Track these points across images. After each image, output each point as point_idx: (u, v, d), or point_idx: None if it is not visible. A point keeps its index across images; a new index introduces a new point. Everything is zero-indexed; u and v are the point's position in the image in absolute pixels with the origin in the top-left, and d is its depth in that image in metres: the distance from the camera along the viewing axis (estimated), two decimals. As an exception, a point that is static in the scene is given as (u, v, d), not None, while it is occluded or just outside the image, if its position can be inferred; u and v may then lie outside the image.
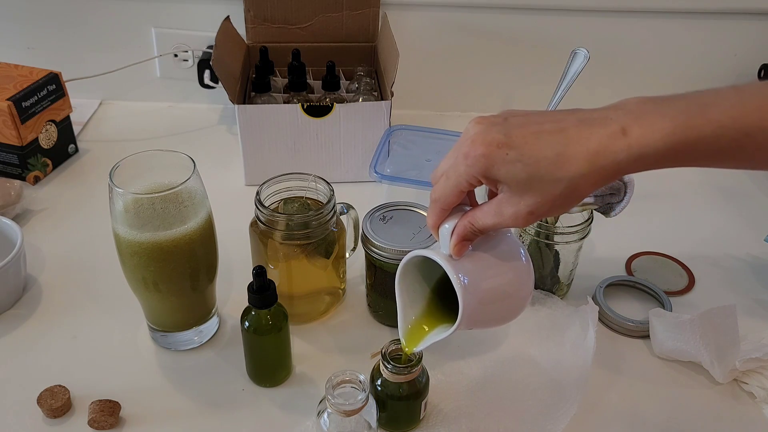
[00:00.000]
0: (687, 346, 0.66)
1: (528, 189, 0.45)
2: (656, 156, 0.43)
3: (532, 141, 0.44)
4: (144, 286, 0.63)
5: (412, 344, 0.54)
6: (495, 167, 0.45)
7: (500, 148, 0.45)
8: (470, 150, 0.46)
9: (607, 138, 0.43)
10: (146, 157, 0.62)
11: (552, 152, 0.44)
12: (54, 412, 0.61)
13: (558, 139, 0.44)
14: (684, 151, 0.43)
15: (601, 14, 1.04)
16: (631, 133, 0.43)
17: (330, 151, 0.92)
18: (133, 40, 1.08)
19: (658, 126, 0.43)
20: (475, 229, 0.48)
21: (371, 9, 1.01)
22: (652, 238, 0.85)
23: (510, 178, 0.45)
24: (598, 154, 0.43)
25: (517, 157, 0.44)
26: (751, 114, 0.42)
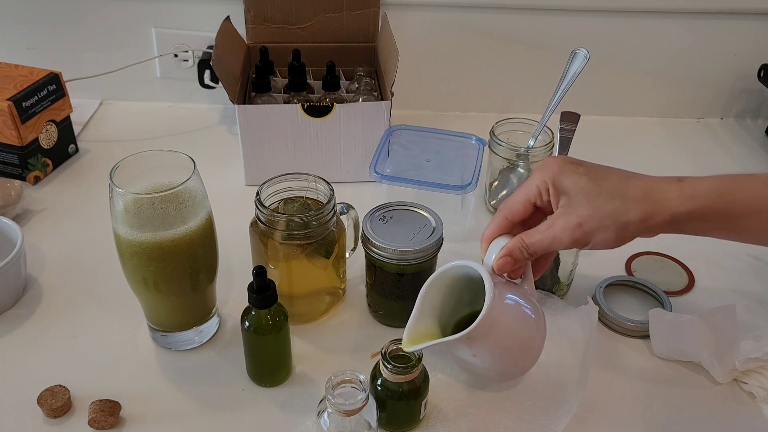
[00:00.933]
0: (687, 346, 0.66)
1: (585, 200, 0.50)
2: (704, 202, 0.48)
3: (602, 169, 0.52)
4: (144, 286, 0.63)
5: (410, 344, 0.56)
6: (564, 174, 0.51)
7: (573, 164, 0.53)
8: (546, 161, 0.53)
9: (664, 181, 0.51)
10: (146, 157, 0.62)
11: (616, 177, 0.51)
12: (54, 412, 0.61)
13: (625, 173, 0.52)
14: (732, 202, 0.48)
15: (601, 14, 1.04)
16: (685, 181, 0.50)
17: (330, 151, 0.92)
18: (133, 40, 1.08)
19: (709, 179, 0.50)
20: (525, 244, 0.52)
21: (371, 9, 1.01)
22: (651, 238, 0.85)
23: (574, 187, 0.51)
24: (654, 189, 0.50)
25: (586, 171, 0.52)
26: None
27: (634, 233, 0.51)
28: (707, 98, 1.12)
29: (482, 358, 0.56)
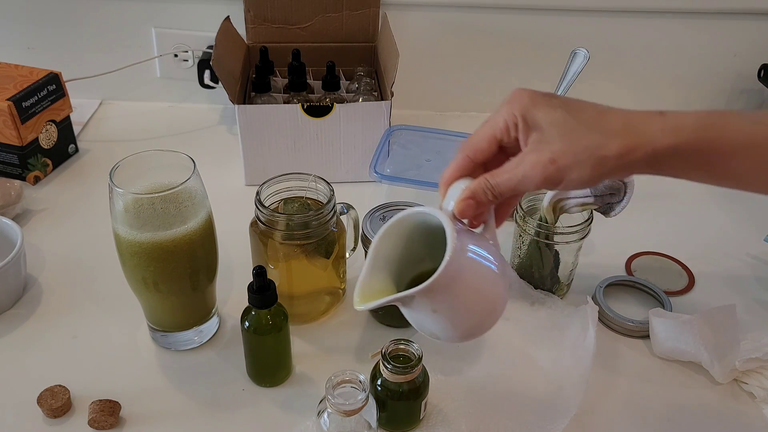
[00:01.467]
0: (687, 346, 0.66)
1: (559, 134, 0.45)
2: (689, 136, 0.44)
3: (578, 102, 0.47)
4: (144, 286, 0.63)
5: (364, 300, 0.49)
6: (537, 107, 0.46)
7: (546, 96, 0.47)
8: (516, 92, 0.47)
9: (645, 113, 0.46)
10: (146, 157, 0.62)
11: (593, 110, 0.46)
12: (54, 412, 0.61)
13: (602, 107, 0.47)
14: (718, 138, 0.44)
15: (601, 14, 1.04)
16: (667, 114, 0.45)
17: (330, 151, 0.92)
18: (133, 40, 1.08)
19: (694, 113, 0.45)
20: (489, 185, 0.47)
21: (371, 9, 1.01)
22: (652, 238, 0.85)
23: (547, 120, 0.46)
24: (634, 121, 0.45)
25: (560, 104, 0.46)
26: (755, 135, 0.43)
27: (611, 169, 0.46)
28: (707, 98, 1.12)
29: (443, 314, 0.49)
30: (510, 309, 0.73)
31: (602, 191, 0.65)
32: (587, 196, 0.66)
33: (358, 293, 0.50)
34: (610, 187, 0.65)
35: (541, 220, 0.71)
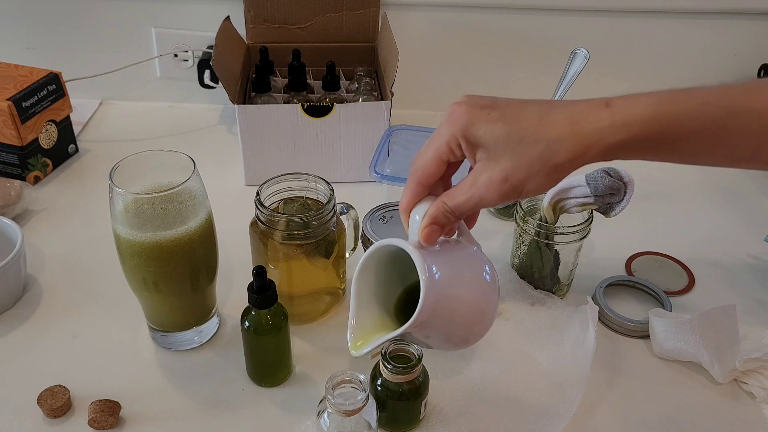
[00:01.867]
0: (687, 346, 0.66)
1: (505, 150, 0.44)
2: (640, 126, 0.42)
3: (516, 106, 0.45)
4: (144, 286, 0.63)
5: (358, 345, 0.50)
6: (476, 125, 0.44)
7: (483, 108, 0.45)
8: (453, 110, 0.45)
9: (589, 107, 0.43)
10: (146, 157, 0.62)
11: (534, 116, 0.44)
12: (54, 412, 0.61)
13: (542, 106, 0.45)
14: (668, 124, 0.42)
15: (601, 14, 1.04)
16: (614, 104, 0.43)
17: (330, 151, 0.92)
18: (133, 40, 1.08)
19: (642, 99, 0.43)
20: (449, 208, 0.46)
21: (371, 9, 1.01)
22: (652, 238, 0.85)
23: (489, 137, 0.44)
24: (580, 120, 0.43)
25: (499, 116, 0.44)
26: (736, 95, 0.41)
27: (567, 172, 0.45)
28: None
29: (436, 336, 0.50)
30: (510, 309, 0.73)
31: (602, 191, 0.65)
32: (587, 196, 0.66)
33: (351, 339, 0.50)
34: (611, 187, 0.65)
35: (541, 220, 0.71)
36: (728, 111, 0.41)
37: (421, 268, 0.45)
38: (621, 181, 0.65)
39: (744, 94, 0.42)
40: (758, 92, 0.41)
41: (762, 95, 0.41)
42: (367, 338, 0.50)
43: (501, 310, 0.73)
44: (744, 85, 0.42)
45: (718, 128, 0.42)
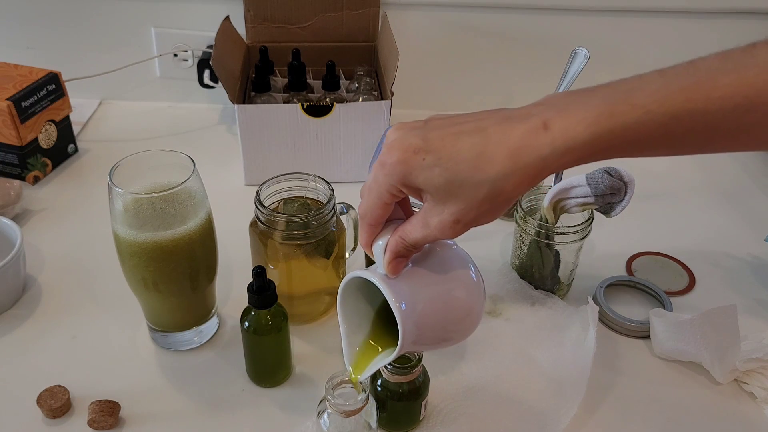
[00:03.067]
0: (687, 346, 0.66)
1: (450, 195, 0.42)
2: (583, 148, 0.40)
3: (451, 143, 0.42)
4: (143, 286, 0.63)
5: (358, 371, 0.51)
6: (413, 174, 0.42)
7: (417, 153, 0.42)
8: (387, 158, 0.43)
9: (528, 133, 0.41)
10: (146, 156, 0.62)
11: (471, 153, 0.41)
12: (54, 412, 0.61)
13: (477, 139, 0.42)
14: (611, 140, 0.40)
15: (601, 14, 1.04)
16: (553, 126, 0.40)
17: (330, 151, 0.92)
18: (132, 40, 1.08)
19: (580, 116, 0.40)
20: (407, 244, 0.45)
21: (371, 9, 1.01)
22: (652, 238, 0.85)
23: (429, 185, 0.42)
24: (520, 151, 0.41)
25: (435, 161, 0.42)
26: (675, 96, 0.39)
27: (516, 198, 0.44)
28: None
29: (428, 346, 0.51)
30: (510, 309, 0.73)
31: (603, 191, 0.65)
32: (588, 196, 0.66)
33: (350, 367, 0.51)
34: (611, 186, 0.65)
35: (542, 220, 0.70)
36: (671, 116, 0.39)
37: (394, 304, 0.45)
38: (621, 180, 0.65)
39: (684, 94, 0.39)
40: (699, 90, 0.39)
41: (703, 93, 0.39)
42: (364, 360, 0.51)
43: (501, 311, 0.73)
44: (684, 81, 0.40)
45: (661, 134, 0.40)
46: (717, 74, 0.39)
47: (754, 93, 0.38)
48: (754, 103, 0.38)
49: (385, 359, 0.49)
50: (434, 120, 0.45)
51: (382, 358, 0.49)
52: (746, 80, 0.38)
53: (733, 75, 0.38)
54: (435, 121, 0.44)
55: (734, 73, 0.38)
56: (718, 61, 0.39)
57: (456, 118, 0.44)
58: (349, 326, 0.51)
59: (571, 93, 0.43)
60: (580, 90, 0.43)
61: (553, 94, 0.44)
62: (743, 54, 0.39)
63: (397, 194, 0.45)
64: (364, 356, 0.51)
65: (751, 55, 0.38)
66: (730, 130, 0.40)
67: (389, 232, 0.47)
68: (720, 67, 0.39)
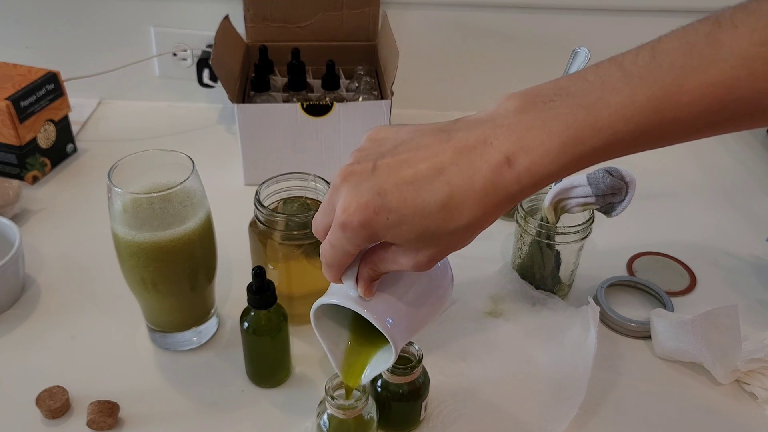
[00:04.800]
0: (688, 346, 0.66)
1: (422, 244, 0.41)
2: (551, 177, 0.39)
3: (411, 196, 0.39)
4: (143, 286, 0.63)
5: (354, 380, 0.50)
6: (379, 234, 0.40)
7: (378, 213, 0.39)
8: (346, 220, 0.40)
9: (492, 173, 0.38)
10: (145, 156, 0.61)
11: (437, 205, 0.38)
12: (53, 413, 0.60)
13: (439, 186, 0.38)
14: (578, 164, 0.38)
15: (602, 13, 1.04)
16: (517, 162, 0.38)
17: (330, 150, 0.92)
18: (131, 40, 1.08)
19: (546, 147, 0.37)
20: (381, 270, 0.44)
21: (371, 8, 1.01)
22: (653, 238, 0.85)
23: (399, 239, 0.41)
24: (487, 192, 0.38)
25: (399, 219, 0.39)
26: (643, 109, 0.36)
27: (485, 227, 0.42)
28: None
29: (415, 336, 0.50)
30: (511, 309, 0.73)
31: (604, 191, 0.65)
32: (589, 196, 0.66)
33: (342, 376, 0.50)
34: (612, 186, 0.65)
35: (543, 220, 0.70)
36: (640, 132, 0.37)
37: (381, 326, 0.45)
38: (622, 180, 0.65)
39: (653, 104, 0.36)
40: (667, 99, 0.36)
41: (671, 101, 0.36)
42: (356, 365, 0.50)
43: (502, 311, 0.73)
44: (651, 87, 0.36)
45: (630, 146, 0.38)
46: (683, 75, 0.36)
47: (723, 92, 0.35)
48: (724, 102, 0.36)
49: (382, 365, 0.49)
50: (381, 159, 0.40)
51: (379, 364, 0.49)
52: (715, 79, 0.35)
53: (701, 75, 0.35)
54: (383, 161, 0.40)
55: (702, 72, 0.35)
56: (681, 56, 0.36)
57: (405, 149, 0.40)
58: (330, 340, 0.50)
59: (524, 107, 0.39)
60: (533, 100, 0.39)
61: (504, 105, 0.40)
62: (708, 46, 0.35)
63: (364, 247, 0.43)
64: (355, 361, 0.51)
65: (716, 47, 0.35)
66: (700, 129, 0.38)
67: (357, 259, 0.45)
68: (685, 65, 0.35)
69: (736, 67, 0.35)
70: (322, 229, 0.44)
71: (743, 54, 0.34)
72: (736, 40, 0.34)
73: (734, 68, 0.35)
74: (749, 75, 0.34)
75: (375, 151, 0.42)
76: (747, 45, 0.34)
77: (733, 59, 0.35)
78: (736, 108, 0.36)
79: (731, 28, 0.35)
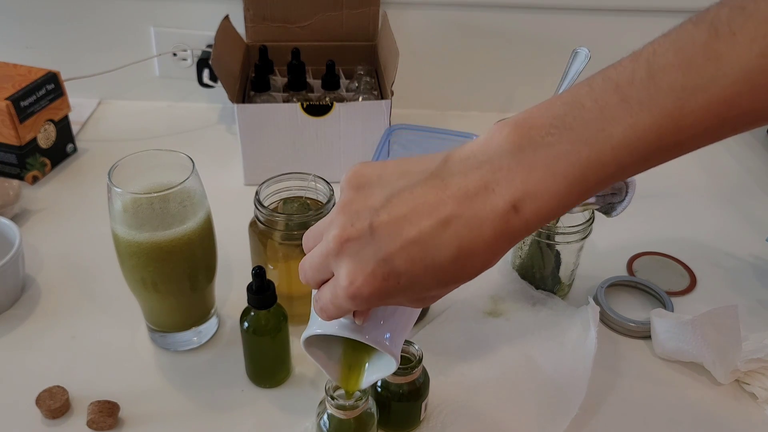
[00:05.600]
0: (688, 346, 0.66)
1: (432, 293, 0.40)
2: (558, 215, 0.38)
3: (420, 256, 0.37)
4: (143, 286, 0.63)
5: (353, 386, 0.50)
6: (392, 297, 0.39)
7: (387, 280, 0.38)
8: (355, 292, 0.39)
9: (500, 221, 0.36)
10: (145, 156, 0.61)
11: (447, 259, 0.37)
12: (53, 413, 0.60)
13: (446, 240, 0.37)
14: (584, 198, 0.37)
15: (602, 13, 1.04)
16: (524, 209, 0.36)
17: (330, 150, 0.92)
18: (132, 40, 1.08)
19: (552, 191, 0.36)
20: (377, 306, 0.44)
21: (371, 8, 1.01)
22: (653, 238, 0.85)
23: (413, 296, 0.40)
24: (497, 240, 0.37)
25: (412, 280, 0.38)
26: (646, 138, 0.35)
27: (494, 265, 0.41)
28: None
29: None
30: (511, 309, 0.73)
31: (604, 191, 0.65)
32: (588, 196, 0.66)
33: (346, 386, 0.50)
34: (612, 186, 0.65)
35: (542, 220, 0.70)
36: (643, 160, 0.36)
37: (381, 346, 0.45)
38: (623, 180, 0.65)
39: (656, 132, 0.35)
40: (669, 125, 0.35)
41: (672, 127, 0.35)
42: (353, 371, 0.50)
43: (502, 311, 0.73)
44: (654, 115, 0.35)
45: (632, 173, 0.37)
46: (684, 97, 0.34)
47: (725, 109, 0.34)
48: (726, 119, 0.34)
49: (378, 373, 0.49)
50: (376, 218, 0.38)
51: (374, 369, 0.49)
52: (716, 97, 0.33)
53: (702, 95, 0.33)
54: (379, 221, 0.38)
55: (702, 92, 0.33)
56: (681, 74, 0.34)
57: (399, 205, 0.38)
58: (323, 356, 0.49)
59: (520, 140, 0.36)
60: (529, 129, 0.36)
61: (496, 140, 0.37)
62: (707, 61, 0.33)
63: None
64: (352, 366, 0.50)
65: (716, 62, 0.33)
66: (700, 145, 0.37)
67: None
68: (686, 85, 0.34)
69: (738, 81, 0.33)
70: (315, 284, 0.43)
71: (744, 67, 0.33)
72: (736, 52, 0.32)
73: (735, 83, 0.33)
74: (751, 89, 0.33)
75: (365, 206, 0.39)
76: (747, 57, 0.32)
77: (734, 74, 0.33)
78: (737, 122, 0.35)
79: (729, 36, 0.33)
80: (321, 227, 0.43)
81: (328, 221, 0.41)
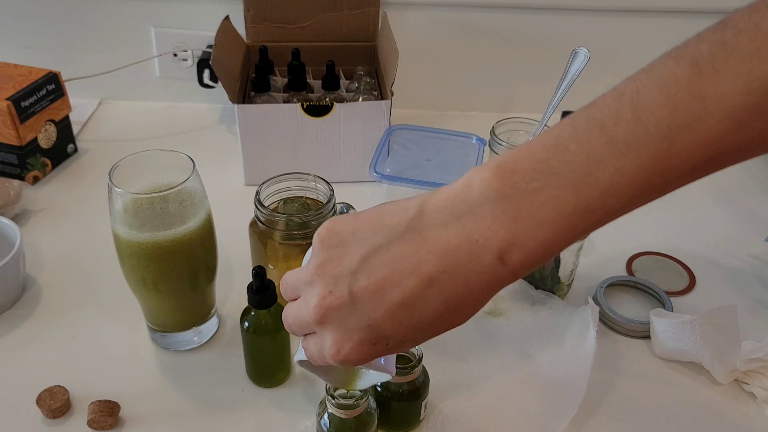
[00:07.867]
0: (688, 346, 0.66)
1: (423, 342, 0.39)
2: (545, 261, 0.37)
3: (406, 317, 0.36)
4: (143, 286, 0.63)
5: (351, 386, 0.51)
6: (381, 355, 0.39)
7: (376, 344, 0.37)
8: (344, 359, 0.38)
9: (486, 274, 0.35)
10: (145, 156, 0.62)
11: (434, 316, 0.36)
12: (53, 412, 0.61)
13: (432, 297, 0.35)
14: (570, 243, 0.37)
15: (602, 14, 1.04)
16: (510, 259, 0.35)
17: (330, 150, 0.92)
18: (132, 40, 1.08)
19: (539, 239, 0.34)
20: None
21: (371, 8, 1.01)
22: (652, 238, 0.85)
23: (401, 350, 0.40)
24: (483, 292, 0.36)
25: (400, 341, 0.37)
26: (633, 181, 0.34)
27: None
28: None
29: None
30: (510, 309, 0.73)
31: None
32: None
33: (346, 386, 0.51)
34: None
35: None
36: (630, 203, 0.36)
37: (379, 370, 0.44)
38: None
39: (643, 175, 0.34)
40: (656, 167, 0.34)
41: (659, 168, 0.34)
42: (350, 377, 0.50)
43: (501, 310, 0.73)
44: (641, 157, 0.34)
45: (617, 216, 0.37)
46: (671, 137, 0.33)
47: (711, 148, 0.33)
48: (712, 157, 0.33)
49: (376, 378, 0.49)
50: (356, 284, 0.37)
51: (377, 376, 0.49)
52: (702, 137, 0.32)
53: (688, 135, 0.32)
54: (358, 287, 0.37)
55: (688, 131, 0.32)
56: (666, 114, 0.33)
57: (378, 267, 0.36)
58: (320, 371, 0.49)
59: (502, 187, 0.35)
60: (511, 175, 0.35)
61: (477, 187, 0.35)
62: (692, 100, 0.32)
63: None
64: (351, 375, 0.51)
65: (701, 101, 0.32)
66: (686, 183, 0.36)
67: None
68: (672, 124, 0.32)
69: (723, 120, 0.32)
70: (300, 335, 0.43)
71: (729, 105, 0.32)
72: (721, 90, 0.32)
73: (721, 122, 0.32)
74: (737, 127, 0.32)
75: (341, 270, 0.37)
76: (732, 95, 0.31)
77: (720, 112, 0.32)
78: (723, 160, 0.34)
79: (712, 73, 0.32)
80: (297, 282, 0.42)
81: (305, 277, 0.40)
